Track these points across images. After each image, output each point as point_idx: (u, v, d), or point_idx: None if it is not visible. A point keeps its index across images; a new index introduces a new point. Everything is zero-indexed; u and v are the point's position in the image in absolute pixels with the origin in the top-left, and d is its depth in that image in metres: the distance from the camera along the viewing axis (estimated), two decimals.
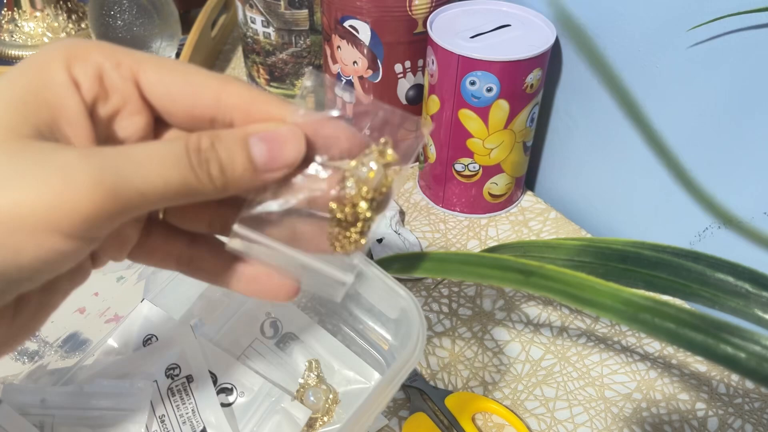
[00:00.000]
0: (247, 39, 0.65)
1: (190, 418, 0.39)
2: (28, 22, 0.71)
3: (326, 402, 0.41)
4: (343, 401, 0.42)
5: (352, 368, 0.43)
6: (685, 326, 0.20)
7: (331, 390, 0.42)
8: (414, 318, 0.33)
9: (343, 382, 0.43)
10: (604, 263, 0.30)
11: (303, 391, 0.42)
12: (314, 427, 0.41)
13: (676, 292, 0.27)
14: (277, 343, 0.44)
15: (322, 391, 0.42)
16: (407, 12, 0.53)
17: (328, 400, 0.41)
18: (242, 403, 0.40)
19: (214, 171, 0.22)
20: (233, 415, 0.40)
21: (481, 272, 0.27)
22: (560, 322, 0.49)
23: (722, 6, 0.42)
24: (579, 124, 0.57)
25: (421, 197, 0.60)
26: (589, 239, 0.31)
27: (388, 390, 0.31)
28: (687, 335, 0.20)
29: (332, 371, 0.43)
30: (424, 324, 0.32)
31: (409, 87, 0.57)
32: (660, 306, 0.21)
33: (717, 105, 0.45)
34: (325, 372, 0.43)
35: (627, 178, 0.54)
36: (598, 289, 0.23)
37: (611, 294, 0.22)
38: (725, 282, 0.26)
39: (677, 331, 0.20)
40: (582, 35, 0.14)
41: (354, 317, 0.43)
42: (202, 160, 0.21)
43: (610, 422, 0.43)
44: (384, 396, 0.31)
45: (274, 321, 0.44)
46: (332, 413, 0.41)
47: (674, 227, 0.52)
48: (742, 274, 0.26)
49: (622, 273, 0.29)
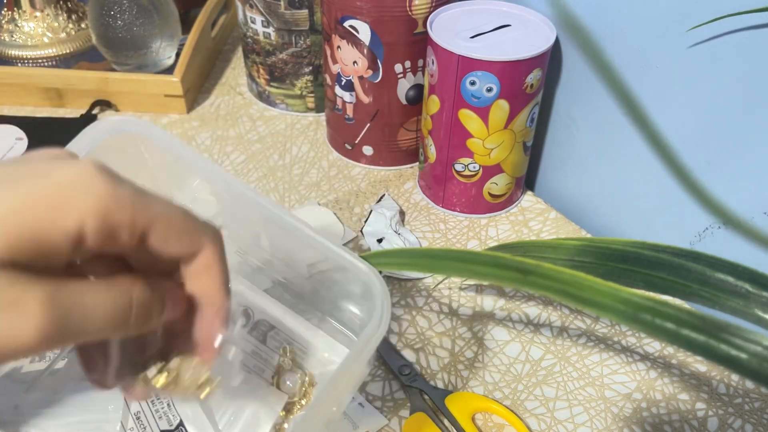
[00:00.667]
0: (247, 39, 0.65)
1: (166, 412, 0.39)
2: (28, 22, 0.71)
3: (303, 385, 0.42)
4: (320, 383, 0.42)
5: (326, 350, 0.43)
6: (686, 326, 0.20)
7: (307, 373, 0.42)
8: (376, 290, 0.33)
9: (318, 364, 0.43)
10: (604, 263, 0.30)
11: (279, 377, 0.42)
12: (292, 411, 0.41)
13: (676, 292, 0.27)
14: (249, 331, 0.44)
15: (298, 375, 0.42)
16: (407, 12, 0.53)
17: (305, 384, 0.42)
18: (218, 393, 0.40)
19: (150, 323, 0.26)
20: (209, 407, 0.40)
21: (479, 270, 0.27)
22: (560, 322, 0.49)
23: (722, 6, 0.42)
24: (579, 124, 0.57)
25: (421, 197, 0.60)
26: (589, 239, 0.31)
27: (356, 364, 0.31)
28: (687, 336, 0.20)
29: (306, 354, 0.43)
30: (387, 294, 0.33)
31: (409, 87, 0.57)
32: (660, 306, 0.21)
33: (717, 104, 0.45)
34: (299, 356, 0.43)
35: (627, 178, 0.54)
36: (597, 289, 0.23)
37: (610, 294, 0.22)
38: (725, 282, 0.26)
39: (677, 331, 0.20)
40: (584, 35, 0.14)
41: (324, 299, 0.43)
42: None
43: (610, 422, 0.43)
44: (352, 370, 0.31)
45: (245, 309, 0.44)
46: (309, 396, 0.42)
47: (674, 227, 0.52)
48: (742, 274, 0.26)
49: (622, 273, 0.29)
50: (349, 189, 0.60)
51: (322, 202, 0.59)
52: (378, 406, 0.44)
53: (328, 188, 0.60)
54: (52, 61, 0.71)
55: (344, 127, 0.61)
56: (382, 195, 0.58)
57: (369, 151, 0.62)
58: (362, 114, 0.59)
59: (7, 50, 0.71)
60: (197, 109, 0.69)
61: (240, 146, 0.65)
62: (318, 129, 0.67)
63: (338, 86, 0.59)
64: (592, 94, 0.54)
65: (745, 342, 0.19)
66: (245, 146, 0.65)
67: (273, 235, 0.41)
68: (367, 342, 0.32)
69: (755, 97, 0.43)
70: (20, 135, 0.64)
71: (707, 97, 0.46)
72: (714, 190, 0.47)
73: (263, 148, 0.65)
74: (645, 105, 0.50)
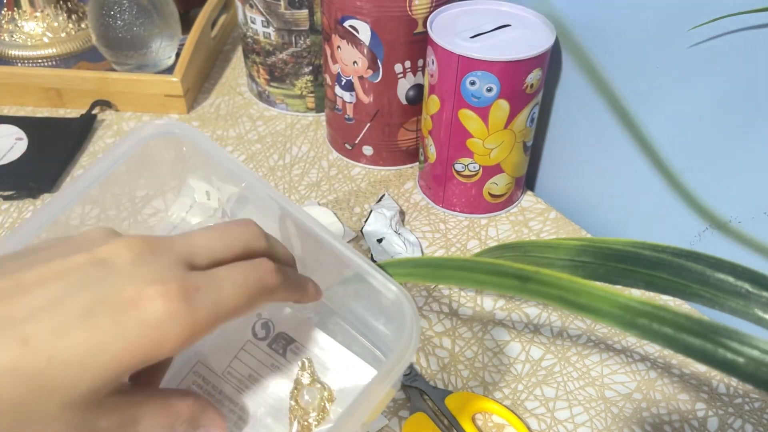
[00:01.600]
0: (247, 39, 0.65)
1: None
2: (28, 22, 0.71)
3: (321, 400, 0.41)
4: (339, 399, 0.42)
5: (348, 366, 0.43)
6: (683, 331, 0.20)
7: (326, 388, 0.42)
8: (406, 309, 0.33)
9: (339, 380, 0.43)
10: (603, 263, 0.30)
11: (297, 392, 0.42)
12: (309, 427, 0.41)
13: (676, 292, 0.27)
14: (269, 344, 0.44)
15: (317, 390, 0.42)
16: (407, 12, 0.53)
17: (324, 399, 0.42)
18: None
19: None
20: None
21: (478, 278, 0.27)
22: (560, 322, 0.49)
23: (722, 6, 0.42)
24: (579, 124, 0.57)
25: (421, 197, 0.60)
26: (589, 239, 0.31)
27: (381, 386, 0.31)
28: (685, 340, 0.20)
29: (327, 370, 0.43)
30: (416, 317, 0.32)
31: (409, 87, 0.57)
32: (658, 311, 0.21)
33: (718, 104, 0.45)
34: (319, 370, 0.43)
35: (627, 178, 0.54)
36: (595, 295, 0.23)
37: (609, 299, 0.22)
38: (725, 282, 0.26)
39: (675, 336, 0.20)
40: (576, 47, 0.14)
41: (348, 314, 0.43)
42: None
43: (610, 422, 0.43)
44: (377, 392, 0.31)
45: (265, 322, 0.44)
46: (327, 411, 0.41)
47: (674, 227, 0.52)
48: (742, 274, 0.26)
49: (621, 273, 0.29)
50: (349, 189, 0.60)
51: (322, 202, 0.59)
52: None
53: (328, 188, 0.60)
54: (52, 61, 0.71)
55: (344, 127, 0.61)
56: (382, 195, 0.58)
57: (369, 151, 0.62)
58: (362, 114, 0.59)
59: (7, 50, 0.71)
60: (197, 109, 0.69)
61: (240, 146, 0.65)
62: (318, 129, 0.67)
63: (338, 86, 0.59)
64: (592, 93, 0.54)
65: (742, 346, 0.19)
66: (245, 146, 0.65)
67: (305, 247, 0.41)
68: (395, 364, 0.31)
69: (756, 97, 0.43)
70: (20, 135, 0.64)
71: (707, 96, 0.46)
72: (714, 190, 0.48)
73: (263, 148, 0.65)
74: (645, 105, 0.50)
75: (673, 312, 0.21)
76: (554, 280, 0.24)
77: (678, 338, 0.20)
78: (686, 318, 0.21)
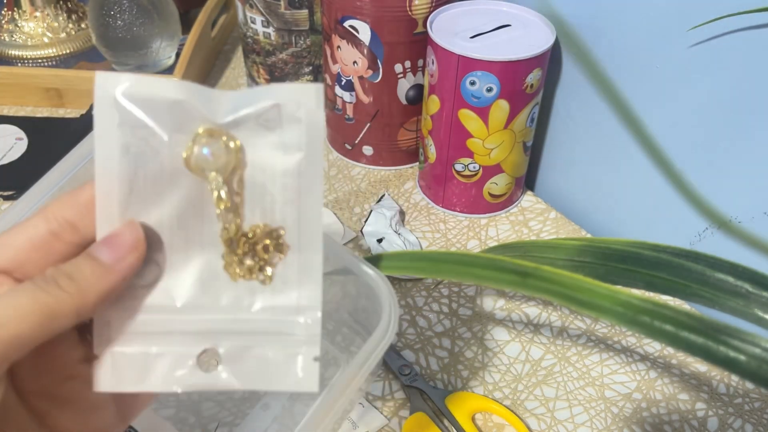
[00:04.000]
0: (247, 39, 0.65)
1: None
2: (28, 22, 0.71)
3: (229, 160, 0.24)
4: None
5: None
6: (685, 328, 0.20)
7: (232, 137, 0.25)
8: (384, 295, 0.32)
9: None
10: (604, 263, 0.30)
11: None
12: None
13: (676, 292, 0.27)
14: None
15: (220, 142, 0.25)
16: (407, 12, 0.53)
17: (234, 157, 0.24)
18: None
19: (63, 282, 0.23)
20: None
21: (477, 273, 0.27)
22: (560, 322, 0.49)
23: (722, 6, 0.42)
24: (579, 124, 0.57)
25: (421, 197, 0.60)
26: (589, 239, 0.31)
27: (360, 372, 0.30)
28: (686, 338, 0.20)
29: None
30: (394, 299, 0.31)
31: (409, 87, 0.57)
32: (659, 308, 0.21)
33: (718, 104, 0.45)
34: None
35: (627, 178, 0.54)
36: (595, 291, 0.23)
37: (609, 296, 0.22)
38: (725, 282, 0.26)
39: (676, 333, 0.20)
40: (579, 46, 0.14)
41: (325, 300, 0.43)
42: (48, 280, 0.23)
43: (610, 422, 0.43)
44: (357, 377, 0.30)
45: None
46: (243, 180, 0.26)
47: (674, 227, 0.52)
48: (742, 274, 0.26)
49: (622, 273, 0.29)
50: (349, 189, 0.60)
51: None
52: (378, 406, 0.44)
53: (328, 188, 0.60)
54: (52, 61, 0.71)
55: (344, 127, 0.61)
56: (382, 195, 0.58)
57: (369, 151, 0.62)
58: (362, 114, 0.59)
59: (7, 50, 0.71)
60: None
61: None
62: None
63: (338, 86, 0.59)
64: (592, 93, 0.54)
65: (743, 344, 0.19)
66: None
67: None
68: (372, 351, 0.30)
69: (756, 97, 0.43)
70: (20, 135, 0.64)
71: (707, 96, 0.46)
72: (714, 190, 0.48)
73: None
74: (645, 105, 0.50)
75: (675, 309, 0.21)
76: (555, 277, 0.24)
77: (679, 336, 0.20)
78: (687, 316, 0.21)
